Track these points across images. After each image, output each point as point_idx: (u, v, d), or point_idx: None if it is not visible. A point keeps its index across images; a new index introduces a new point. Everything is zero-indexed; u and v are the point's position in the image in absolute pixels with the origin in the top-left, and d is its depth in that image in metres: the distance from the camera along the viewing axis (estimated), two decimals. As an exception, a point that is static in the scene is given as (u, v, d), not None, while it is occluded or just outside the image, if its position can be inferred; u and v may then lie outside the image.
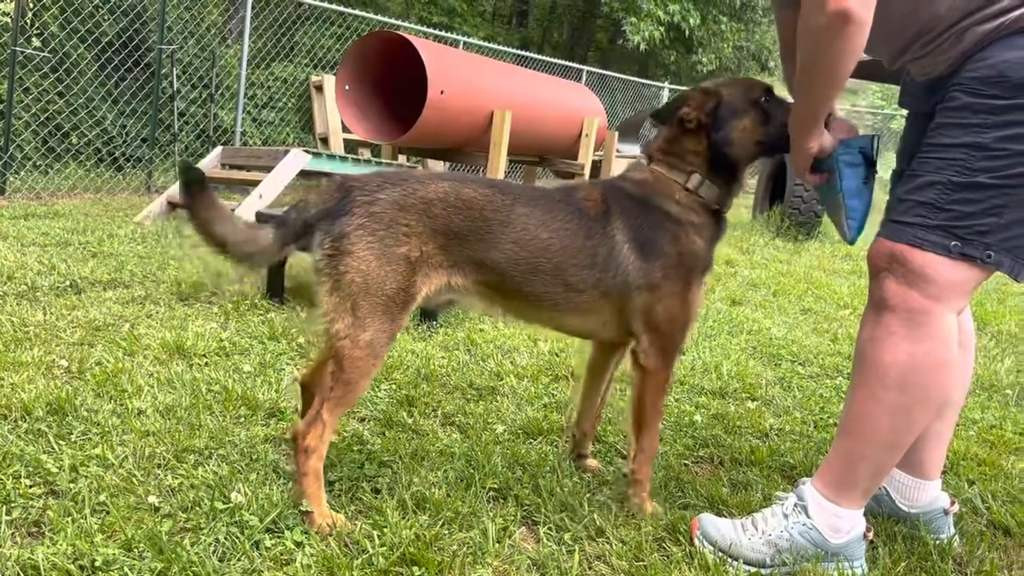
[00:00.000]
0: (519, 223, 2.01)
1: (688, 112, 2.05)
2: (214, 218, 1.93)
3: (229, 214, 1.97)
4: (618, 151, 9.29)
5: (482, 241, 1.99)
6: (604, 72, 15.45)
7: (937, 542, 2.07)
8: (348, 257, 1.88)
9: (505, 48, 13.36)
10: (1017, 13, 1.66)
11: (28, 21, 8.27)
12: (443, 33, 12.06)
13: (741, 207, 11.25)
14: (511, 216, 2.00)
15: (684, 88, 16.25)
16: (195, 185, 1.92)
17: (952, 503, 2.15)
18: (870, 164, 1.96)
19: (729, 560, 1.90)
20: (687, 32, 16.51)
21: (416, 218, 1.93)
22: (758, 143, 2.08)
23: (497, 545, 1.89)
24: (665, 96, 15.73)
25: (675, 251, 2.03)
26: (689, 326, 2.09)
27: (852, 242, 2.06)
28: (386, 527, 1.89)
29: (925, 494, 2.15)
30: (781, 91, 2.16)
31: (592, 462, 2.46)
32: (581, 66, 14.68)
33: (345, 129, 10.25)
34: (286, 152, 6.38)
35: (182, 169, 1.94)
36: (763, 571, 1.89)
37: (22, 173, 7.89)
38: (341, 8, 10.84)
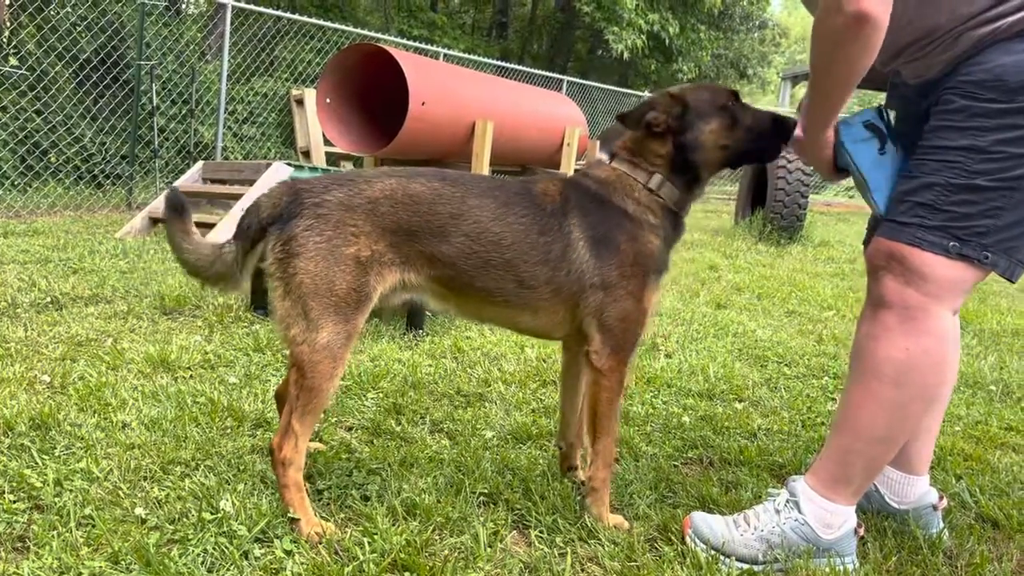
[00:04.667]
0: (470, 216, 1.98)
1: (656, 116, 2.05)
2: (185, 246, 2.02)
3: (199, 241, 2.04)
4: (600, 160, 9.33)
5: (433, 235, 1.96)
6: (584, 82, 15.54)
7: (927, 536, 2.08)
8: (297, 259, 1.87)
9: (485, 59, 13.40)
10: (1014, 18, 1.68)
11: (5, 39, 8.22)
12: (423, 45, 12.09)
13: (723, 213, 11.31)
14: (462, 208, 1.98)
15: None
16: (175, 211, 2.01)
17: (940, 499, 2.16)
18: (882, 135, 1.93)
19: (722, 557, 1.90)
20: (667, 41, 16.68)
21: (363, 218, 1.92)
22: (723, 147, 2.07)
23: (488, 549, 1.88)
24: (645, 105, 15.82)
25: (631, 250, 2.00)
26: (643, 326, 2.05)
27: (885, 213, 1.93)
28: (376, 534, 1.88)
29: (914, 490, 2.16)
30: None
31: (583, 474, 2.37)
32: (561, 76, 14.75)
33: (327, 142, 10.24)
34: (268, 165, 6.36)
35: (168, 194, 2.05)
36: (755, 567, 1.89)
37: (0, 191, 7.82)
38: (321, 22, 10.85)
